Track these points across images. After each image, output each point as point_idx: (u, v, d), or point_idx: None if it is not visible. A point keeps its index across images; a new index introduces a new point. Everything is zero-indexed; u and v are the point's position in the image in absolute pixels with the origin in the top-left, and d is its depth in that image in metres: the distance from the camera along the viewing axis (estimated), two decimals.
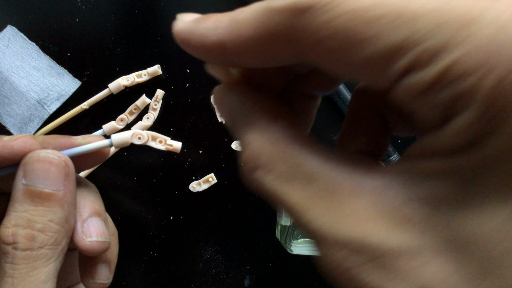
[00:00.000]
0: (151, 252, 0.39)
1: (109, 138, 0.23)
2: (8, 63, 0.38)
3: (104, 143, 0.23)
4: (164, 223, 0.39)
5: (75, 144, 0.22)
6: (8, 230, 0.20)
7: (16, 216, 0.20)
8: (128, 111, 0.39)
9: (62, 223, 0.21)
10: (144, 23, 0.39)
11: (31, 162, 0.20)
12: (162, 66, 0.39)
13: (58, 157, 0.21)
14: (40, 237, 0.20)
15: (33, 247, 0.20)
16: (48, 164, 0.20)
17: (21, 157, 0.21)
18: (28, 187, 0.20)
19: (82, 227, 0.22)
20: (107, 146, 0.23)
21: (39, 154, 0.20)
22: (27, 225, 0.20)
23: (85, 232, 0.22)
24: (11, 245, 0.20)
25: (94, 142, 0.22)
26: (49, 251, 0.20)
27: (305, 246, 0.32)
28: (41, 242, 0.20)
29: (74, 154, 0.22)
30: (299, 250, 0.32)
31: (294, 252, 0.32)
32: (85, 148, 0.22)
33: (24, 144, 0.21)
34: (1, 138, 0.21)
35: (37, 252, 0.20)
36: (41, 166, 0.20)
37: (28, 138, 0.21)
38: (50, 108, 0.38)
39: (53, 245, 0.20)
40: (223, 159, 0.39)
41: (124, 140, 0.23)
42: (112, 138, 0.23)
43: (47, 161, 0.20)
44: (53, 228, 0.20)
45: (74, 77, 0.39)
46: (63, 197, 0.21)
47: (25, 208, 0.20)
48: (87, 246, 0.22)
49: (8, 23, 0.38)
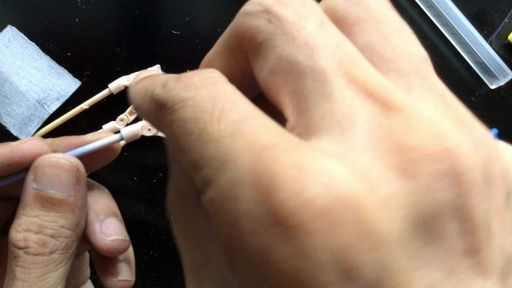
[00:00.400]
0: (151, 252, 0.39)
1: (119, 133, 0.23)
2: (8, 63, 0.38)
3: (115, 137, 0.22)
4: (164, 223, 0.39)
5: (85, 142, 0.22)
6: (20, 235, 0.20)
7: (27, 220, 0.20)
8: (128, 111, 0.39)
9: (74, 228, 0.21)
10: (144, 23, 0.39)
11: (42, 166, 0.20)
12: (162, 66, 0.39)
13: (69, 162, 0.20)
14: (51, 243, 0.20)
15: (44, 252, 0.20)
16: (59, 169, 0.20)
17: (31, 160, 0.20)
18: (39, 191, 0.20)
19: (100, 228, 0.22)
20: (117, 140, 0.22)
21: (50, 158, 0.20)
22: (39, 231, 0.20)
23: (105, 232, 0.22)
24: (22, 250, 0.20)
25: (104, 138, 0.22)
26: (60, 255, 0.20)
27: None
28: (53, 248, 0.20)
29: (85, 152, 0.22)
30: None
31: None
32: (96, 145, 0.22)
33: (34, 147, 0.20)
34: (9, 144, 0.21)
35: (49, 257, 0.20)
36: (52, 171, 0.20)
37: (37, 141, 0.21)
38: (50, 108, 0.38)
39: (64, 250, 0.20)
40: None
41: (135, 133, 0.23)
42: (122, 131, 0.23)
43: (58, 166, 0.20)
44: (65, 233, 0.20)
45: (74, 77, 0.39)
46: (74, 202, 0.21)
47: (36, 213, 0.20)
48: (109, 245, 0.22)
49: (8, 23, 0.38)
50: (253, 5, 0.13)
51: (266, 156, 0.10)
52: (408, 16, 0.42)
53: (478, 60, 0.42)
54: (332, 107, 0.11)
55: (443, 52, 0.43)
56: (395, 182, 0.10)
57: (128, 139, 0.23)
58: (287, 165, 0.10)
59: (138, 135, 0.23)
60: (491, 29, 0.43)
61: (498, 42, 0.43)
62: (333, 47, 0.11)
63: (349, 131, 0.10)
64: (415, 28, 0.42)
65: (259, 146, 0.10)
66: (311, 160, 0.10)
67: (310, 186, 0.09)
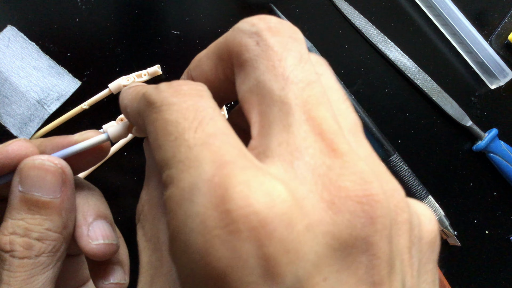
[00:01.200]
0: None
1: (106, 133, 0.22)
2: (8, 63, 0.38)
3: (101, 137, 0.21)
4: None
5: (72, 142, 0.22)
6: (6, 238, 0.20)
7: (13, 223, 0.20)
8: None
9: (60, 230, 0.20)
10: (144, 23, 0.39)
11: (27, 169, 0.20)
12: (162, 66, 0.39)
13: (54, 164, 0.20)
14: (37, 246, 0.20)
15: (30, 255, 0.20)
16: (44, 171, 0.20)
17: (18, 162, 0.20)
18: (25, 194, 0.20)
19: (87, 231, 0.22)
20: (104, 140, 0.22)
21: (34, 161, 0.20)
22: (24, 234, 0.20)
23: (91, 236, 0.22)
24: (8, 253, 0.19)
25: (90, 138, 0.22)
26: (47, 258, 0.20)
27: None
28: (39, 251, 0.20)
29: (71, 153, 0.21)
30: None
31: None
32: (82, 145, 0.21)
33: (19, 148, 0.20)
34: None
35: (35, 260, 0.20)
36: (37, 173, 0.20)
37: (23, 142, 0.20)
38: (50, 108, 0.38)
39: (51, 253, 0.20)
40: None
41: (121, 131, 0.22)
42: (108, 130, 0.22)
43: (43, 168, 0.20)
44: (51, 236, 0.20)
45: (74, 77, 0.39)
46: (61, 204, 0.20)
47: (22, 216, 0.20)
48: (95, 250, 0.21)
49: (8, 23, 0.38)
50: (248, 25, 0.14)
51: (224, 171, 0.12)
52: (408, 16, 0.42)
53: (478, 60, 0.42)
54: (288, 138, 0.13)
55: (443, 52, 0.43)
56: (323, 213, 0.12)
57: (115, 139, 0.22)
58: (240, 182, 0.11)
59: (125, 134, 0.22)
60: (491, 29, 0.43)
61: (498, 42, 0.43)
62: (304, 84, 0.13)
63: (297, 161, 0.13)
64: (415, 28, 0.42)
65: (222, 161, 0.12)
66: (259, 182, 0.11)
67: (254, 202, 0.11)
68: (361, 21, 0.41)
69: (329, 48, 0.40)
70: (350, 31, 0.41)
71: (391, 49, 0.41)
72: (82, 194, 0.23)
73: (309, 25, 0.41)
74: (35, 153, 0.21)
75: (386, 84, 0.41)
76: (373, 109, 0.40)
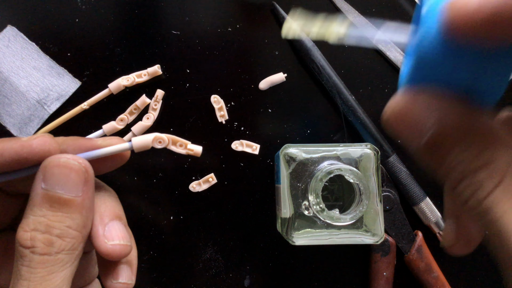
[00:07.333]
0: (151, 252, 0.39)
1: (130, 142, 0.23)
2: (8, 63, 0.38)
3: (125, 146, 0.22)
4: (164, 223, 0.39)
5: (95, 146, 0.22)
6: (27, 234, 0.20)
7: (34, 220, 0.20)
8: (128, 111, 0.39)
9: (80, 229, 0.21)
10: (144, 23, 0.39)
11: (51, 166, 0.20)
12: (162, 66, 0.39)
13: (78, 163, 0.20)
14: (58, 243, 0.20)
15: (50, 252, 0.20)
16: (68, 170, 0.20)
17: (40, 157, 0.20)
18: (47, 191, 0.20)
19: (103, 231, 0.22)
20: (127, 149, 0.22)
21: (59, 159, 0.20)
22: (46, 230, 0.20)
23: (107, 236, 0.22)
24: (29, 249, 0.19)
25: (114, 145, 0.22)
26: (66, 256, 0.20)
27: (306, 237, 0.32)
28: (59, 248, 0.20)
29: (94, 156, 0.22)
30: (301, 241, 0.32)
31: (296, 243, 0.32)
32: (105, 151, 0.22)
33: (44, 144, 0.20)
34: (20, 139, 0.21)
35: (55, 257, 0.20)
36: (61, 171, 0.20)
37: (47, 138, 0.21)
38: (50, 108, 0.38)
39: (70, 251, 0.20)
40: (223, 159, 0.39)
41: (145, 144, 0.23)
42: (132, 141, 0.23)
43: (67, 167, 0.20)
44: (71, 234, 0.20)
45: (74, 77, 0.39)
46: (82, 203, 0.21)
47: (44, 212, 0.20)
48: (110, 250, 0.22)
49: (8, 23, 0.38)
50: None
51: None
52: (408, 16, 0.42)
53: None
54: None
55: None
56: None
57: (138, 150, 0.23)
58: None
59: (148, 146, 0.23)
60: None
61: None
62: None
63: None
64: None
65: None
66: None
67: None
68: (361, 21, 0.41)
69: (329, 47, 0.40)
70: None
71: (391, 49, 0.41)
72: (99, 195, 0.23)
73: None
74: (57, 151, 0.21)
75: (386, 84, 0.41)
76: (373, 109, 0.40)
